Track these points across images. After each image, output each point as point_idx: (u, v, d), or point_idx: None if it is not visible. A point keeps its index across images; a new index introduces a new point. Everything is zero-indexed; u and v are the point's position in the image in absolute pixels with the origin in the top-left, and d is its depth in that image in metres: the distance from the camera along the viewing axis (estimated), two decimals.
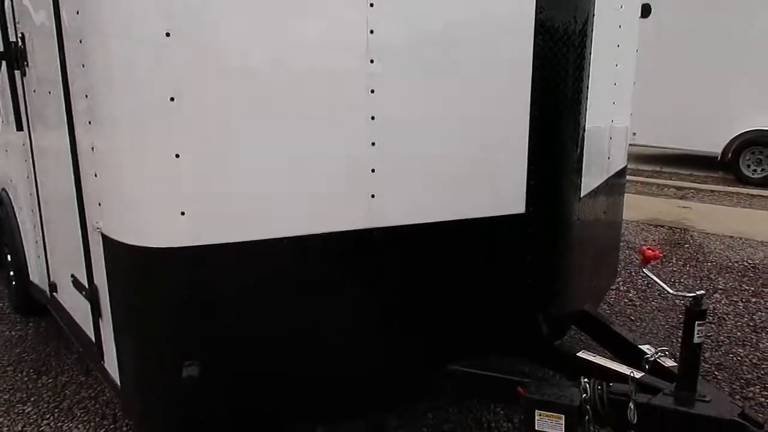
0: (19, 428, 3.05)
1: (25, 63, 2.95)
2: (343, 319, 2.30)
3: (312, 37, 2.07)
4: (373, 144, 2.20)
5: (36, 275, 3.72)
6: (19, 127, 3.16)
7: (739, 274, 5.34)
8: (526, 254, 2.52)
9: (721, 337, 4.09)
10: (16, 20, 3.01)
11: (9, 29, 3.05)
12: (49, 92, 2.64)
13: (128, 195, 2.07)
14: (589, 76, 2.55)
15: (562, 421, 2.23)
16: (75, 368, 3.66)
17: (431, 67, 2.22)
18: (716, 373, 3.57)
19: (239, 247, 2.09)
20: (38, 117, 2.96)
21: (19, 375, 3.59)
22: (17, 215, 3.97)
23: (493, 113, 2.36)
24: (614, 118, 3.23)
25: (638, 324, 4.28)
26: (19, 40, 2.95)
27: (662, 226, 6.88)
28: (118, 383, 2.42)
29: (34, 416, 3.16)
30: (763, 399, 3.30)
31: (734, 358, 3.77)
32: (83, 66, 2.13)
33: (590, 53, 2.54)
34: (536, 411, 2.26)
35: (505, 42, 2.31)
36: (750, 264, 5.59)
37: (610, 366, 2.48)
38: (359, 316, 2.32)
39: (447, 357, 2.49)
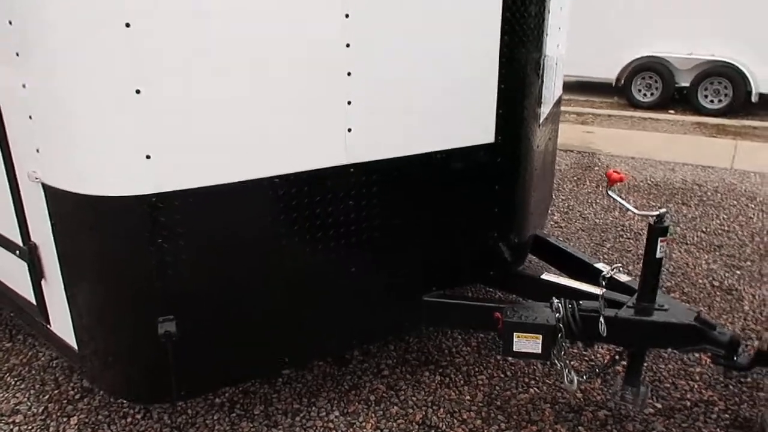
0: None
1: None
2: (319, 259, 2.21)
3: None
4: (349, 74, 2.07)
5: None
6: None
7: (646, 192, 5.79)
8: (495, 183, 2.54)
9: (640, 251, 4.44)
10: None
11: None
12: None
13: (80, 138, 1.81)
14: (549, 4, 2.53)
15: (540, 341, 2.34)
16: None
17: (405, 10, 2.10)
18: None
19: (211, 191, 1.92)
20: None
21: None
22: None
23: (466, 43, 2.28)
24: (559, 44, 3.26)
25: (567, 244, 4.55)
26: None
27: (572, 151, 7.25)
28: (74, 346, 2.21)
29: None
30: (683, 302, 3.66)
31: None
32: None
33: None
34: (515, 333, 2.35)
35: None
36: (653, 182, 6.06)
37: (573, 285, 2.62)
38: (337, 254, 2.25)
39: (422, 288, 2.50)
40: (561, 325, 2.34)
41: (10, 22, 1.82)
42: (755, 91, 9.19)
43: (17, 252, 2.32)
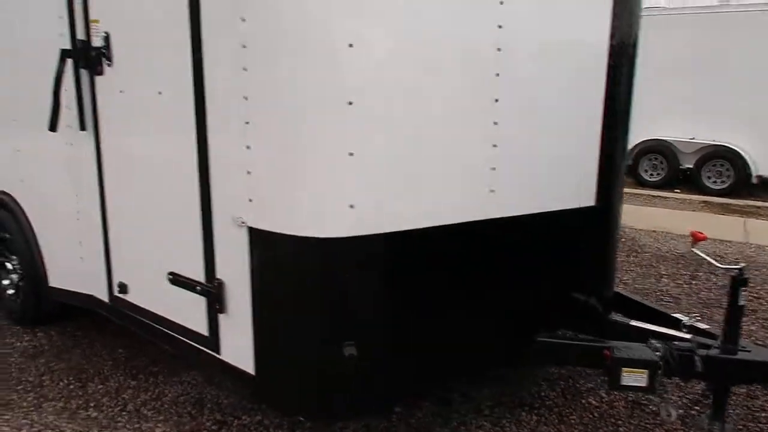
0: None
1: (105, 62, 2.93)
2: (467, 296, 2.62)
3: (455, 66, 2.41)
4: (495, 146, 2.55)
5: (67, 279, 3.61)
6: (83, 127, 3.12)
7: (674, 261, 6.26)
8: (593, 242, 2.99)
9: (681, 312, 4.86)
10: (90, 17, 2.98)
11: (77, 28, 3.02)
12: (159, 93, 2.69)
13: (300, 190, 2.25)
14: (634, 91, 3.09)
15: (646, 375, 2.70)
16: (118, 373, 3.59)
17: (539, 94, 2.65)
18: None
19: (394, 235, 2.34)
20: (126, 117, 2.94)
21: (62, 383, 3.46)
22: (31, 220, 3.81)
23: (579, 123, 2.80)
24: None
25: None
26: (99, 39, 2.92)
27: None
28: (250, 371, 2.53)
29: (105, 421, 3.10)
30: None
31: None
32: (245, 69, 2.27)
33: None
34: (622, 369, 2.71)
35: (589, 61, 2.77)
36: (678, 253, 6.55)
37: (660, 330, 3.01)
38: (479, 294, 2.65)
39: (535, 329, 2.88)
40: (661, 362, 2.72)
41: (246, 98, 2.30)
42: (754, 173, 9.96)
43: (197, 288, 2.69)
